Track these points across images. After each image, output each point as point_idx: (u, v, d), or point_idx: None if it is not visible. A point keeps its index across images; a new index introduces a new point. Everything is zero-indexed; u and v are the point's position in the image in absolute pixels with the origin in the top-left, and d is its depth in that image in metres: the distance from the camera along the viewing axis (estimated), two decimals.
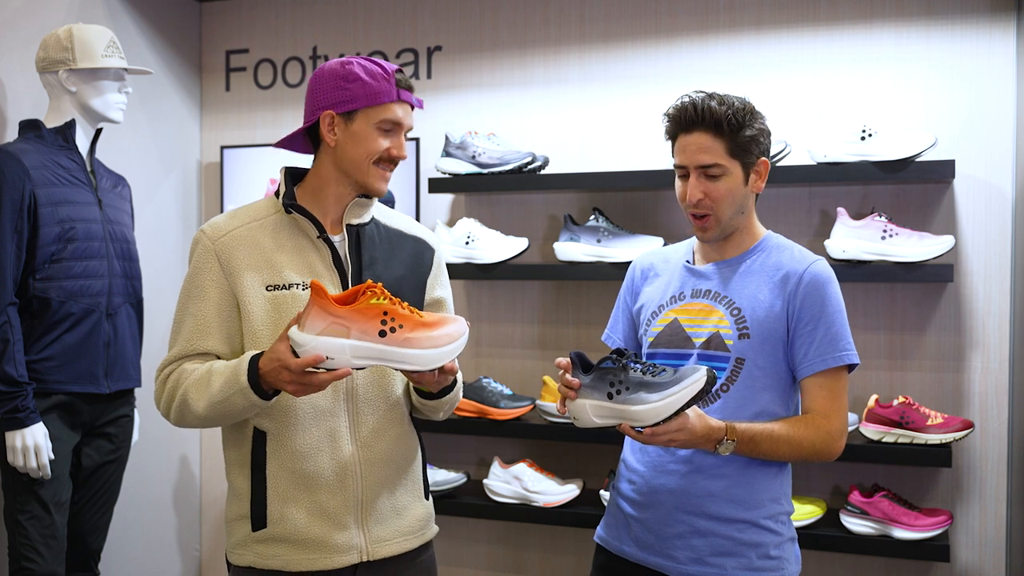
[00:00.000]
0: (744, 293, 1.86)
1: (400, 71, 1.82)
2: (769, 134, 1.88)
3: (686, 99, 1.84)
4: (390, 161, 1.82)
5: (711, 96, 1.82)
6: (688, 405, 1.63)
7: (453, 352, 1.65)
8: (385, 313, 1.61)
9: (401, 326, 1.61)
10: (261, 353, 1.68)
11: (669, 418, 1.64)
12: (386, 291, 1.64)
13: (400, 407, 1.89)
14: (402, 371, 1.68)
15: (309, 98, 1.83)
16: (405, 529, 1.88)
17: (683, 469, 1.85)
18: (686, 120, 1.83)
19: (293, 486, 1.79)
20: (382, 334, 1.60)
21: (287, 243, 1.82)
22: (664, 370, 1.67)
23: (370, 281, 1.65)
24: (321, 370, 1.61)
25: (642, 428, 1.68)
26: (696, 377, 1.62)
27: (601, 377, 1.71)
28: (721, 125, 1.79)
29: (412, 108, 1.86)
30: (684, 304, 1.92)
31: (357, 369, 1.66)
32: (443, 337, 1.63)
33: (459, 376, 1.91)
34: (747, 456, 1.80)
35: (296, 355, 1.60)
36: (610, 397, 1.70)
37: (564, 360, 1.76)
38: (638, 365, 1.69)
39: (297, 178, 1.89)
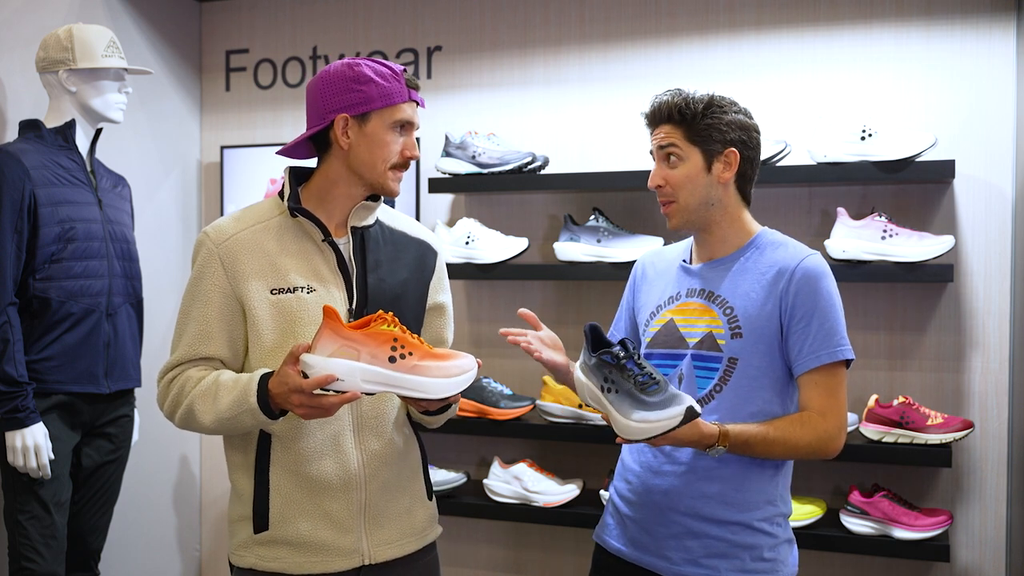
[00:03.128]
0: (737, 292, 1.86)
1: (406, 71, 1.83)
2: (744, 127, 1.87)
3: (654, 98, 1.93)
4: (403, 166, 1.83)
5: (673, 92, 1.90)
6: (663, 435, 1.62)
7: (462, 384, 1.65)
8: (395, 340, 1.62)
9: (411, 353, 1.62)
10: (270, 373, 1.68)
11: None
12: (396, 319, 1.66)
13: (401, 411, 1.89)
14: (410, 399, 1.67)
15: (318, 101, 1.81)
16: (407, 531, 1.88)
17: (678, 470, 1.85)
18: (651, 116, 1.93)
19: (296, 489, 1.78)
20: (392, 360, 1.60)
21: (292, 246, 1.81)
22: (656, 383, 1.66)
23: (381, 311, 1.65)
24: (331, 392, 1.61)
25: None
26: (675, 412, 1.60)
27: (600, 367, 1.72)
28: (673, 115, 1.87)
29: (418, 106, 1.86)
30: (680, 304, 1.92)
31: (367, 394, 1.66)
32: (453, 368, 1.64)
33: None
34: (742, 455, 1.80)
35: (307, 378, 1.60)
36: (602, 390, 1.70)
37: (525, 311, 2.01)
38: (635, 369, 1.68)
39: (301, 178, 1.88)
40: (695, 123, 1.85)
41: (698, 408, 1.62)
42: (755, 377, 1.83)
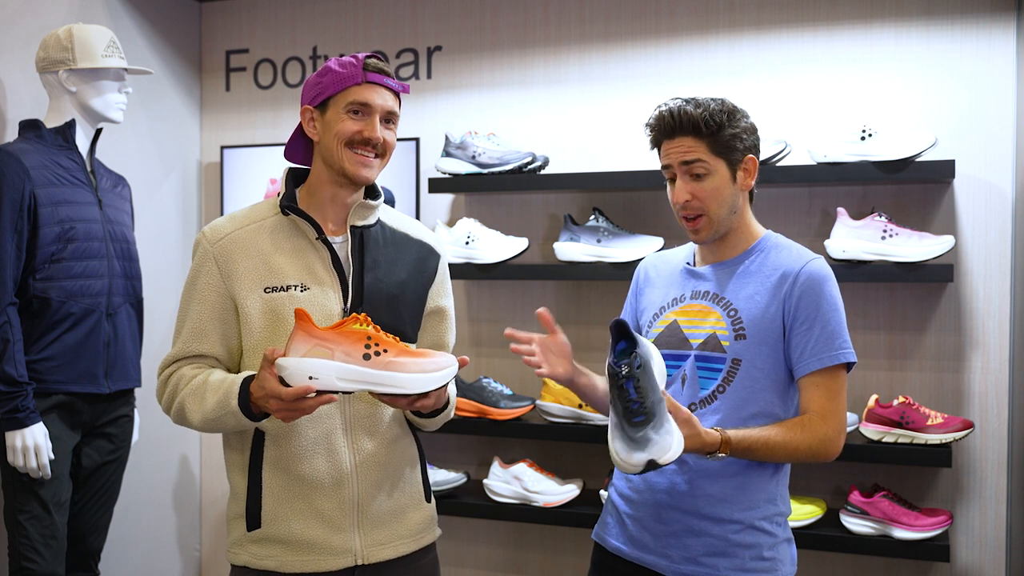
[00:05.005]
0: (741, 294, 1.86)
1: (375, 57, 1.81)
2: (754, 131, 1.88)
3: (663, 107, 1.87)
4: (364, 143, 1.79)
5: (687, 101, 1.85)
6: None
7: (440, 380, 1.64)
8: (368, 338, 1.62)
9: (385, 351, 1.62)
10: (253, 376, 1.69)
11: None
12: (370, 319, 1.65)
13: (395, 412, 1.89)
14: (388, 396, 1.66)
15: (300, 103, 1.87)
16: (402, 533, 1.87)
17: (680, 469, 1.85)
18: (666, 128, 1.86)
19: (288, 487, 1.79)
20: (366, 357, 1.61)
21: (285, 245, 1.81)
22: (644, 414, 1.63)
23: (355, 314, 1.66)
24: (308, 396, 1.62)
25: None
26: (637, 459, 1.59)
27: (610, 373, 1.71)
28: (699, 127, 1.82)
29: (397, 94, 1.84)
30: (683, 306, 1.92)
31: (344, 393, 1.65)
32: (430, 364, 1.64)
33: (452, 395, 1.89)
34: (742, 459, 1.80)
35: (284, 382, 1.60)
36: (608, 397, 1.71)
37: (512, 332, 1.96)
38: (631, 393, 1.65)
39: (300, 180, 1.89)
40: (720, 135, 1.82)
41: (661, 462, 1.59)
42: (758, 379, 1.83)
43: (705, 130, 1.82)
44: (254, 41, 3.60)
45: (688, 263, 1.98)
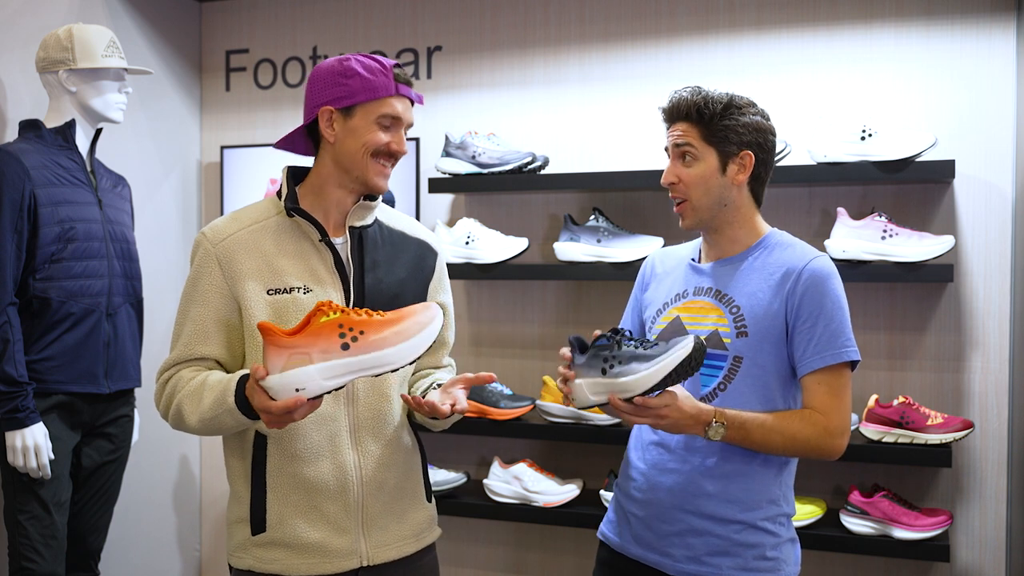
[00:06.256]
0: (744, 291, 1.86)
1: (399, 66, 1.82)
2: (760, 129, 1.87)
3: (673, 94, 1.91)
4: (389, 155, 1.81)
5: (693, 90, 1.89)
6: (677, 372, 1.63)
7: (426, 341, 1.59)
8: (341, 325, 1.55)
9: (363, 332, 1.55)
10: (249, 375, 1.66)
11: (659, 388, 1.65)
12: (336, 304, 1.59)
13: (401, 413, 1.89)
14: (380, 374, 1.61)
15: (308, 96, 1.82)
16: (406, 533, 1.87)
17: (683, 468, 1.86)
18: (668, 113, 1.92)
19: (293, 491, 1.78)
20: (345, 347, 1.54)
21: (289, 247, 1.80)
22: (656, 344, 1.69)
23: (319, 301, 1.59)
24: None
25: (631, 398, 1.68)
26: (683, 344, 1.63)
27: (596, 355, 1.73)
28: (691, 114, 1.86)
29: (412, 103, 1.85)
30: (687, 302, 1.93)
31: (337, 389, 1.59)
32: (412, 328, 1.58)
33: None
34: (739, 445, 1.79)
35: (272, 399, 1.56)
36: (603, 373, 1.71)
37: (567, 351, 1.80)
38: (632, 341, 1.71)
39: (299, 177, 1.88)
40: (712, 123, 1.84)
41: (702, 340, 1.64)
42: (759, 376, 1.83)
43: (696, 116, 1.85)
44: (254, 41, 3.60)
45: (693, 259, 1.99)
